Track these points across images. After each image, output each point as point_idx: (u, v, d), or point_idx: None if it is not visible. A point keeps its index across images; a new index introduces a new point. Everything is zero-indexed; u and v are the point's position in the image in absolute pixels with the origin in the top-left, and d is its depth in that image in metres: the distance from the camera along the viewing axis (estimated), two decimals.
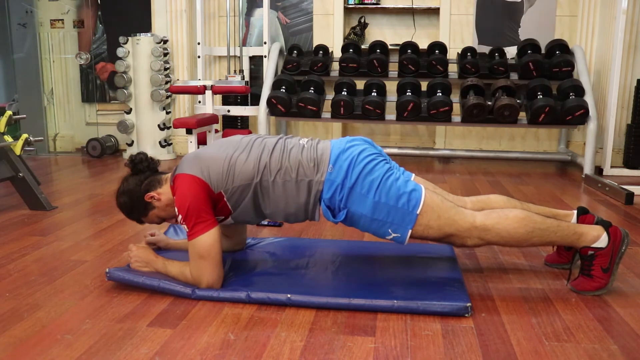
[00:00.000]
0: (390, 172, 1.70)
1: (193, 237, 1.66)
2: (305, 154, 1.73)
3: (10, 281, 1.85)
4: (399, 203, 1.65)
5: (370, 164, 1.69)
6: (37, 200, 2.82)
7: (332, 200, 1.69)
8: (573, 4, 4.47)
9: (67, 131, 5.18)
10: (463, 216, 1.68)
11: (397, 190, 1.66)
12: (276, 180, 1.71)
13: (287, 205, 1.74)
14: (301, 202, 1.72)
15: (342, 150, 1.73)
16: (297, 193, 1.71)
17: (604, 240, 1.69)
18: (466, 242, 1.70)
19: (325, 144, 1.78)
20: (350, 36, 4.75)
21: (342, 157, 1.70)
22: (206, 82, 4.13)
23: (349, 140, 1.79)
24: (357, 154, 1.71)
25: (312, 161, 1.71)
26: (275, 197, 1.73)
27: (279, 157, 1.72)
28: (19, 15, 4.87)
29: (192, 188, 1.68)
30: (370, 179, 1.67)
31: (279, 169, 1.71)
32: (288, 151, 1.74)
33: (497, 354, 1.37)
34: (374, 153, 1.75)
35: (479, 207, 1.87)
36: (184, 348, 1.39)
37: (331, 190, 1.68)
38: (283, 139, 1.81)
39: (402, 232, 1.68)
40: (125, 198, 1.83)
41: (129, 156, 1.90)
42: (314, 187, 1.70)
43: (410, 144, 4.86)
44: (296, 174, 1.70)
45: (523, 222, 1.67)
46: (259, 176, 1.71)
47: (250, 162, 1.72)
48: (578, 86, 3.93)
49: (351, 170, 1.68)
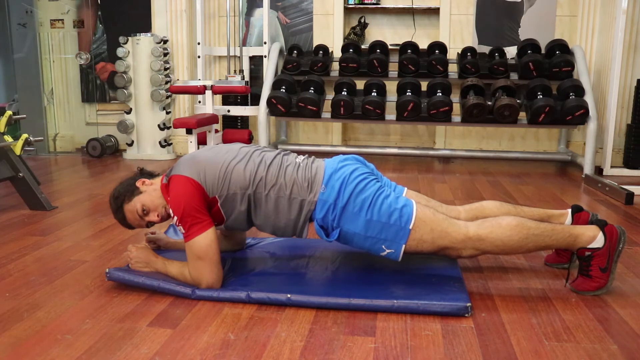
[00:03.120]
0: (381, 190, 1.72)
1: (190, 239, 1.66)
2: (301, 173, 1.75)
3: (10, 281, 1.85)
4: (391, 219, 1.67)
5: (361, 183, 1.71)
6: (37, 200, 2.82)
7: (325, 219, 1.71)
8: (573, 4, 4.47)
9: (67, 131, 5.18)
10: (456, 228, 1.69)
11: (388, 207, 1.68)
12: (270, 195, 1.72)
13: (277, 220, 1.75)
14: (291, 219, 1.74)
15: (334, 170, 1.75)
16: (289, 210, 1.73)
17: (600, 240, 1.69)
18: (462, 253, 1.72)
19: (319, 163, 1.81)
20: (350, 36, 4.75)
21: (334, 177, 1.72)
22: (206, 82, 4.13)
23: (341, 159, 1.82)
24: (349, 173, 1.73)
25: (306, 181, 1.73)
26: (267, 211, 1.74)
27: (275, 173, 1.74)
28: (19, 15, 4.86)
29: (187, 189, 1.68)
30: (362, 197, 1.69)
31: (273, 184, 1.73)
32: (284, 168, 1.76)
33: (497, 354, 1.37)
34: (366, 172, 1.77)
35: (473, 216, 1.88)
36: (184, 348, 1.39)
37: (324, 210, 1.70)
38: (281, 155, 1.83)
39: (396, 247, 1.69)
40: (117, 186, 1.86)
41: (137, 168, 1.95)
42: (306, 206, 1.72)
43: (410, 144, 4.86)
44: (290, 191, 1.72)
45: (516, 229, 1.67)
46: (253, 187, 1.72)
47: (247, 172, 1.73)
48: (578, 86, 3.93)
49: (343, 189, 1.70)
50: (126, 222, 1.85)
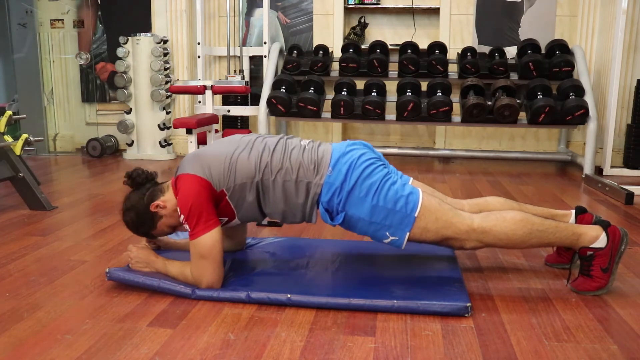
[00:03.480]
0: (388, 176, 1.71)
1: (195, 237, 1.66)
2: (307, 155, 1.73)
3: (10, 281, 1.85)
4: (397, 206, 1.66)
5: (369, 168, 1.70)
6: (37, 200, 2.82)
7: (331, 203, 1.70)
8: (573, 4, 4.47)
9: (67, 131, 5.18)
10: (461, 219, 1.68)
11: (394, 194, 1.67)
12: (277, 180, 1.71)
13: (285, 205, 1.74)
14: (299, 203, 1.73)
15: (342, 153, 1.73)
16: (296, 194, 1.71)
17: (602, 241, 1.69)
18: (464, 244, 1.70)
19: (326, 146, 1.79)
20: (350, 36, 4.74)
21: (341, 161, 1.71)
22: (206, 82, 4.12)
23: (349, 144, 1.80)
24: (357, 157, 1.72)
25: (313, 163, 1.71)
26: (275, 197, 1.73)
27: (280, 157, 1.73)
28: (19, 15, 4.86)
29: (194, 187, 1.68)
30: (368, 182, 1.67)
31: (279, 168, 1.71)
32: (289, 151, 1.75)
33: (497, 354, 1.37)
34: (373, 157, 1.76)
35: (477, 210, 1.87)
36: (184, 348, 1.39)
37: (330, 193, 1.69)
38: (284, 139, 1.82)
39: (400, 235, 1.68)
40: (131, 214, 1.80)
41: (125, 173, 1.86)
42: (312, 189, 1.70)
43: (410, 144, 4.86)
44: (296, 174, 1.71)
45: (521, 224, 1.67)
46: (260, 174, 1.71)
47: (251, 160, 1.72)
48: (578, 86, 3.93)
49: (350, 173, 1.68)
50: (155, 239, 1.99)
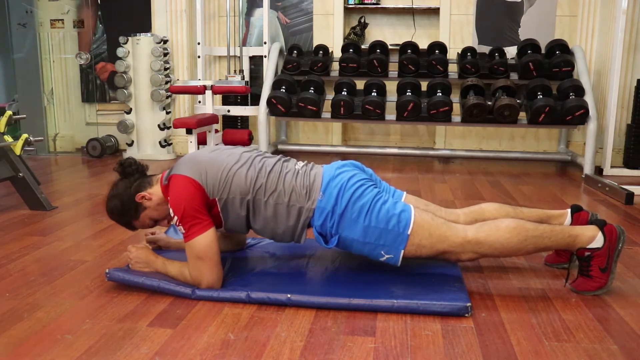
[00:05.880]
0: (379, 196, 1.72)
1: (189, 239, 1.66)
2: (299, 180, 1.75)
3: (10, 281, 1.85)
4: (389, 225, 1.67)
5: (359, 190, 1.71)
6: (37, 200, 2.82)
7: (324, 227, 1.72)
8: (573, 4, 4.47)
9: (67, 131, 5.18)
10: (455, 231, 1.69)
11: (386, 213, 1.68)
12: (269, 201, 1.73)
13: (275, 226, 1.76)
14: (290, 225, 1.75)
15: (332, 177, 1.75)
16: (287, 217, 1.74)
17: (599, 240, 1.69)
18: (460, 257, 1.72)
19: (317, 170, 1.81)
20: (350, 36, 4.74)
21: (332, 184, 1.72)
22: (206, 82, 4.13)
23: (339, 166, 1.82)
24: (347, 180, 1.73)
25: (305, 188, 1.73)
26: (266, 216, 1.75)
27: (275, 179, 1.74)
28: (19, 15, 4.86)
29: (188, 189, 1.68)
30: (359, 204, 1.69)
31: (273, 190, 1.73)
32: (284, 175, 1.76)
33: (497, 354, 1.37)
34: (363, 178, 1.78)
35: (472, 218, 1.88)
36: (184, 348, 1.39)
37: (322, 217, 1.71)
38: (281, 161, 1.83)
39: (395, 253, 1.69)
40: (115, 201, 1.81)
41: (118, 161, 1.88)
42: (304, 213, 1.73)
43: (410, 144, 4.86)
44: (288, 199, 1.73)
45: (515, 232, 1.67)
46: (253, 193, 1.73)
47: (248, 178, 1.73)
48: (578, 86, 3.93)
49: (341, 196, 1.70)
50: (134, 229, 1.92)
